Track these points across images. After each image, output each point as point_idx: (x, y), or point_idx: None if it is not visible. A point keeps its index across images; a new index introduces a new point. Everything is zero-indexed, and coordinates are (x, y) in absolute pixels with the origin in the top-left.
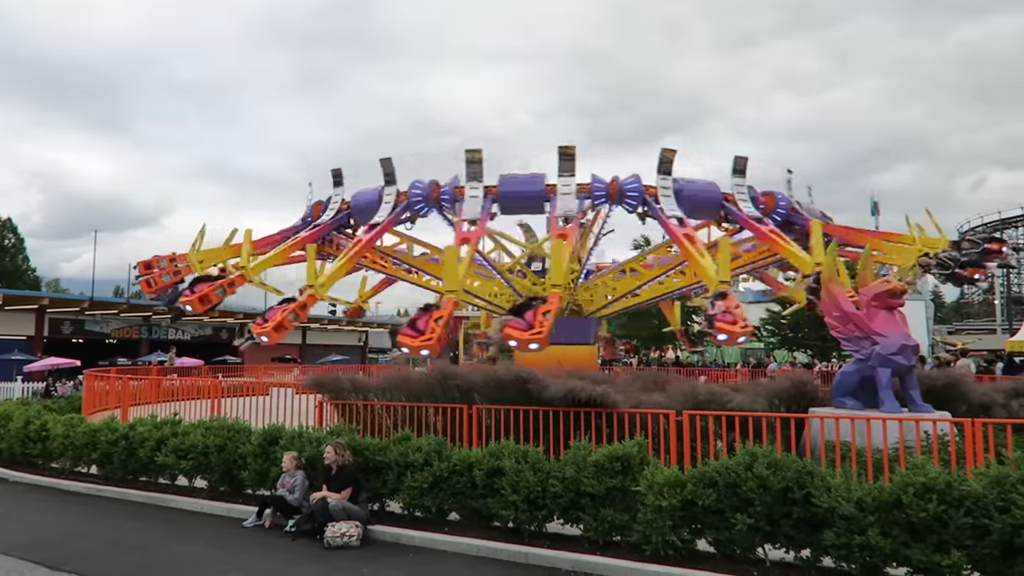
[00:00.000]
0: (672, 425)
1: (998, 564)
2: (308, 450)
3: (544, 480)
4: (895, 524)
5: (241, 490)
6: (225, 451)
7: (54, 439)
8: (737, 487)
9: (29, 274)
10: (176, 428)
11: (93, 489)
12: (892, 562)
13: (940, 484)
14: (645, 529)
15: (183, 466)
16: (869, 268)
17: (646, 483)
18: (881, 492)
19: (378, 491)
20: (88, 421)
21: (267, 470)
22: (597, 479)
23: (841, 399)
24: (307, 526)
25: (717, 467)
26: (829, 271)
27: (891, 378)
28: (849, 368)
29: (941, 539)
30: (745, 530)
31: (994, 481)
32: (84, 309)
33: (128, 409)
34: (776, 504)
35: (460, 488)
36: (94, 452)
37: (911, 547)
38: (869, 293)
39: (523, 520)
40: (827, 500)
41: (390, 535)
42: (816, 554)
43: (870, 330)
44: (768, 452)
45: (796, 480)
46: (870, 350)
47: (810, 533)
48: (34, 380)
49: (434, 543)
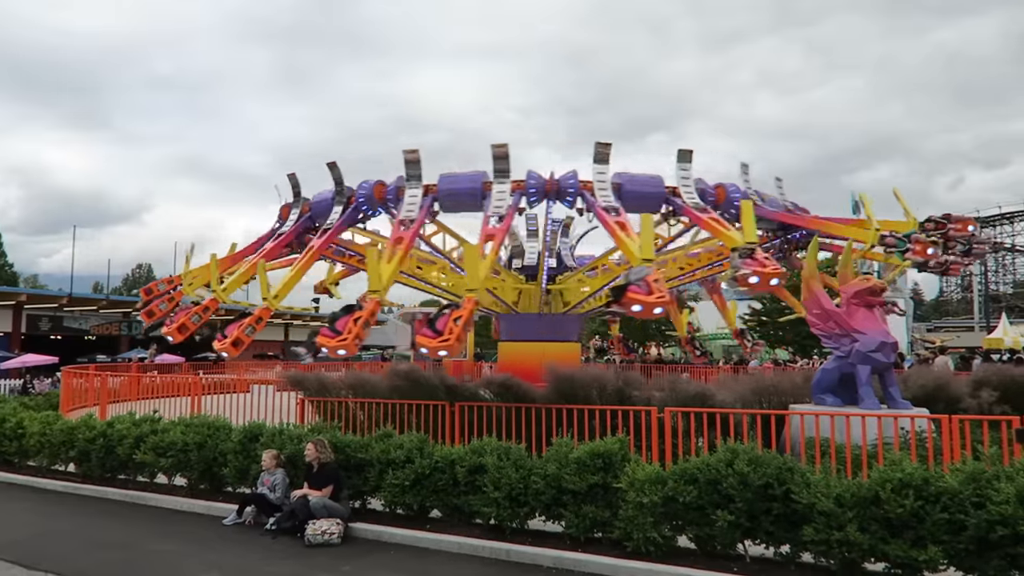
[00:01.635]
0: (654, 422)
1: (973, 559)
2: (289, 448)
3: (526, 477)
4: (873, 520)
5: (221, 488)
6: (205, 448)
7: (30, 437)
8: (718, 483)
9: (7, 270)
10: (155, 425)
11: (71, 487)
12: (870, 557)
13: (917, 480)
14: (626, 526)
15: (162, 464)
16: (850, 266)
17: (628, 480)
18: (860, 488)
19: (359, 488)
20: (65, 419)
21: (247, 468)
22: (579, 476)
23: (821, 396)
24: (288, 524)
25: (698, 464)
26: (810, 269)
27: (870, 375)
28: (829, 365)
29: (918, 534)
30: (726, 526)
31: (970, 477)
32: (63, 305)
33: (107, 406)
34: (756, 500)
35: (442, 485)
36: (72, 450)
37: (889, 542)
38: (849, 291)
39: (505, 517)
40: (807, 496)
41: (371, 533)
42: (795, 550)
43: (850, 327)
44: (749, 449)
45: (776, 476)
46: (850, 347)
47: (790, 529)
48: (11, 377)
49: (416, 540)
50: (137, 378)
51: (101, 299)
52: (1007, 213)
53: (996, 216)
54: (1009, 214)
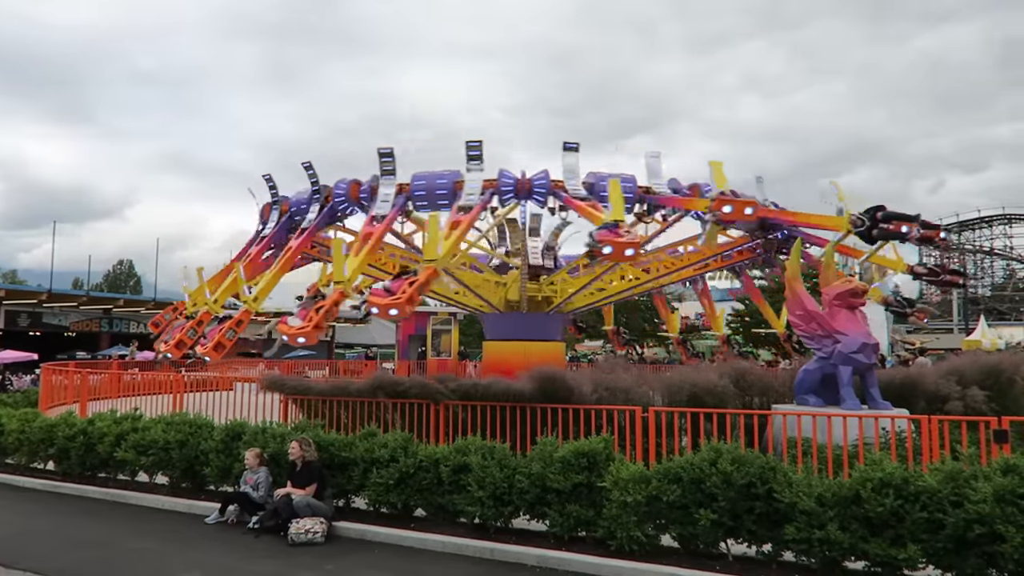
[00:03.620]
0: (639, 421)
1: (951, 557)
2: (272, 446)
3: (510, 476)
4: (854, 519)
5: (203, 487)
6: (187, 447)
7: (8, 434)
8: (701, 483)
9: None
10: (136, 423)
11: (50, 486)
12: (851, 556)
13: (897, 479)
14: (610, 524)
15: (143, 462)
16: (831, 267)
17: (612, 479)
18: (841, 488)
19: (343, 487)
20: (45, 416)
21: (230, 466)
22: (563, 475)
23: (803, 396)
24: (271, 523)
25: (682, 463)
26: (793, 270)
27: (852, 376)
28: (811, 366)
29: (898, 533)
30: (709, 525)
31: (948, 476)
32: (42, 301)
33: (87, 404)
34: (739, 499)
35: (426, 484)
36: (51, 448)
37: (869, 541)
38: (831, 292)
39: (489, 516)
40: (789, 495)
41: (355, 531)
42: (777, 548)
43: (832, 328)
44: (732, 448)
45: (759, 476)
46: (832, 348)
47: (771, 528)
48: None
49: (400, 539)
50: (118, 375)
51: (81, 295)
52: (986, 217)
53: (975, 220)
54: (988, 218)
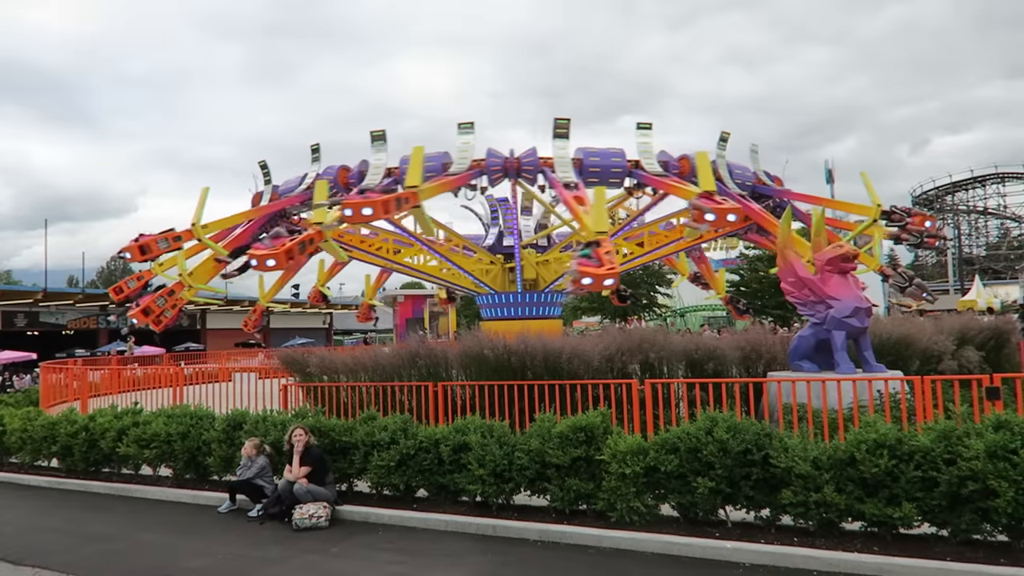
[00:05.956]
0: (635, 394)
1: (946, 514)
2: (273, 434)
3: (510, 453)
4: (849, 480)
5: (207, 477)
6: (189, 438)
7: (11, 433)
8: (698, 452)
9: None
10: (137, 418)
11: (54, 482)
12: (847, 517)
13: (891, 440)
14: (610, 497)
15: (146, 455)
16: (822, 234)
17: (610, 452)
18: (836, 450)
19: (345, 471)
20: (46, 414)
21: (232, 456)
22: (562, 450)
23: (798, 362)
24: (275, 510)
25: (678, 433)
26: (785, 238)
27: (845, 340)
28: (805, 332)
29: (892, 493)
30: (707, 493)
31: (941, 435)
32: (38, 300)
33: (87, 400)
34: (736, 466)
35: (427, 465)
36: (54, 445)
37: (865, 502)
38: (823, 258)
39: (490, 493)
40: (785, 460)
41: (359, 514)
42: (775, 513)
43: (824, 294)
44: (728, 417)
45: (755, 442)
46: (825, 314)
47: (769, 493)
48: None
49: (403, 520)
50: (118, 371)
51: (77, 293)
52: (978, 176)
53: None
54: (981, 177)
